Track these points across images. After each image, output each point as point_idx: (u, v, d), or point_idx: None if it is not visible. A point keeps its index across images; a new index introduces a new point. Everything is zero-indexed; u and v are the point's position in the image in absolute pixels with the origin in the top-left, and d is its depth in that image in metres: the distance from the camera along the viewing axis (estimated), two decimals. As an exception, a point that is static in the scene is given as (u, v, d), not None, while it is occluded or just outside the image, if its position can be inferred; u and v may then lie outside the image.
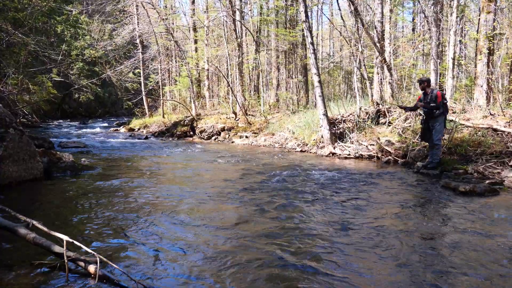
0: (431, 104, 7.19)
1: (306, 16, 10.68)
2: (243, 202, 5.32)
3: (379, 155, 9.20)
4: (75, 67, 26.93)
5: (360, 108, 11.25)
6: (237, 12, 18.18)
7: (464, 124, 8.92)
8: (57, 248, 3.19)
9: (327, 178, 7.01)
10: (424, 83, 7.39)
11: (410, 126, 9.70)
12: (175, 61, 25.31)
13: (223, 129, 15.57)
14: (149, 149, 12.07)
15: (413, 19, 23.68)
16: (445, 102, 7.25)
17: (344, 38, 16.39)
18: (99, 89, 30.68)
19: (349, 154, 9.65)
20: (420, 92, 7.75)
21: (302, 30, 16.36)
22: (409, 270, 3.19)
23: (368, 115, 10.94)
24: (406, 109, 8.18)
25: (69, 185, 6.39)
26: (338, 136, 10.54)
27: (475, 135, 8.32)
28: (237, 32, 18.55)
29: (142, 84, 22.79)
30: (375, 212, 4.84)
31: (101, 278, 2.93)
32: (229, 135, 15.07)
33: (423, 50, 20.00)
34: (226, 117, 16.81)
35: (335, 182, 6.62)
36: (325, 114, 10.27)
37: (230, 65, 19.10)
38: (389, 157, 8.91)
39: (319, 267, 3.24)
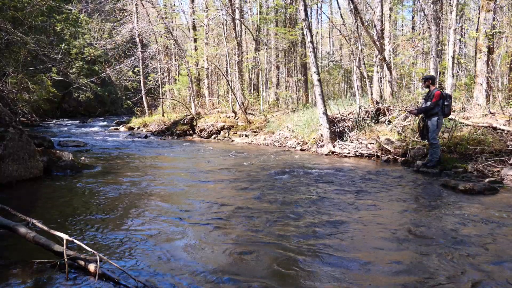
0: (427, 104, 7.28)
1: (306, 14, 10.67)
2: (243, 201, 5.33)
3: (378, 154, 9.20)
4: (74, 66, 26.89)
5: (359, 107, 11.25)
6: (237, 11, 18.15)
7: (463, 123, 8.93)
8: (57, 247, 3.19)
9: (327, 176, 7.02)
10: (429, 80, 7.46)
11: (409, 124, 9.70)
12: (175, 60, 25.27)
13: (222, 128, 15.56)
14: (148, 148, 12.08)
15: (413, 18, 23.68)
16: (446, 103, 7.24)
17: (343, 36, 16.36)
18: (98, 88, 30.66)
19: (348, 153, 9.65)
20: (425, 89, 7.85)
21: (302, 28, 16.35)
22: (407, 267, 3.20)
23: (367, 114, 10.94)
24: (412, 112, 8.09)
25: (69, 184, 6.39)
26: (337, 135, 10.54)
27: (474, 133, 8.32)
28: (237, 30, 18.52)
29: (142, 83, 22.77)
30: (374, 210, 4.84)
31: (101, 276, 2.94)
32: (228, 134, 15.07)
33: (422, 49, 19.99)
34: (226, 116, 16.80)
35: (334, 181, 6.63)
36: (325, 113, 10.28)
37: (229, 63, 19.08)
38: (389, 155, 8.91)
39: (317, 263, 3.24)
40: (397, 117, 10.30)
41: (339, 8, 15.82)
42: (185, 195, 5.76)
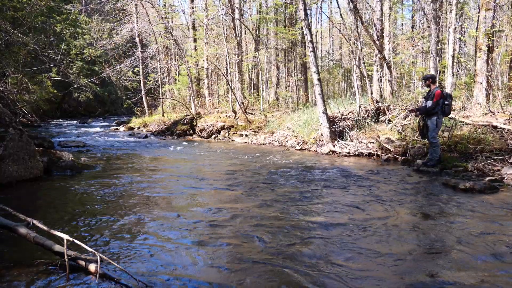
0: (427, 102, 7.28)
1: (305, 14, 10.67)
2: (244, 201, 5.33)
3: (379, 153, 9.20)
4: (74, 66, 26.87)
5: (359, 106, 11.25)
6: (236, 11, 18.14)
7: (463, 122, 8.92)
8: (57, 247, 3.19)
9: (327, 176, 7.02)
10: (429, 79, 7.47)
11: (409, 123, 9.70)
12: (175, 59, 25.26)
13: (222, 128, 15.56)
14: (148, 148, 12.08)
15: (413, 17, 23.66)
16: (446, 103, 7.23)
17: (343, 36, 16.36)
18: (98, 88, 30.66)
19: (348, 152, 9.65)
20: (426, 88, 7.86)
21: (301, 28, 16.34)
22: (407, 266, 3.20)
23: (367, 113, 10.93)
24: (414, 111, 8.06)
25: (69, 184, 6.39)
26: (337, 134, 10.54)
27: (474, 132, 8.32)
28: (236, 30, 18.52)
29: (142, 83, 22.77)
30: (375, 209, 4.84)
31: (101, 276, 2.94)
32: (229, 134, 15.07)
33: (422, 48, 19.98)
34: (226, 116, 16.80)
35: (335, 180, 6.63)
36: (325, 112, 10.27)
37: (229, 63, 19.07)
38: (389, 155, 8.91)
39: (317, 262, 3.25)
40: (397, 116, 10.29)
41: (339, 7, 15.82)
42: (186, 196, 5.76)
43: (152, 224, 4.34)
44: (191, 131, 16.53)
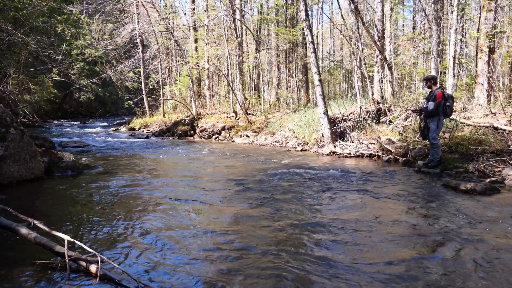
0: (429, 104, 7.26)
1: (306, 15, 10.67)
2: (245, 202, 5.33)
3: (379, 154, 9.19)
4: (75, 67, 26.92)
5: (360, 107, 11.24)
6: (237, 11, 18.15)
7: (465, 123, 8.91)
8: (58, 248, 3.19)
9: (327, 177, 7.01)
10: (430, 81, 7.46)
11: (410, 124, 9.70)
12: (176, 60, 25.27)
13: (223, 128, 15.57)
14: (149, 148, 12.08)
15: (414, 18, 23.64)
16: (447, 104, 7.20)
17: (344, 36, 16.37)
18: (99, 89, 30.67)
19: (349, 153, 9.65)
20: (427, 89, 7.87)
21: (302, 29, 16.34)
22: (407, 267, 3.19)
23: (368, 114, 10.93)
24: (416, 111, 8.05)
25: (70, 185, 6.39)
26: (338, 135, 10.53)
27: (476, 133, 8.31)
28: (237, 31, 18.53)
29: (143, 83, 22.78)
30: (376, 210, 4.84)
31: (102, 277, 2.94)
32: (229, 134, 15.07)
33: (423, 49, 19.96)
34: (227, 116, 16.80)
35: (335, 181, 6.62)
36: (326, 113, 10.27)
37: (230, 64, 19.08)
38: (390, 156, 8.90)
39: (317, 263, 3.24)
40: (398, 117, 10.28)
41: (340, 8, 15.82)
42: (186, 195, 5.75)
43: (153, 225, 4.34)
44: (191, 132, 16.54)
